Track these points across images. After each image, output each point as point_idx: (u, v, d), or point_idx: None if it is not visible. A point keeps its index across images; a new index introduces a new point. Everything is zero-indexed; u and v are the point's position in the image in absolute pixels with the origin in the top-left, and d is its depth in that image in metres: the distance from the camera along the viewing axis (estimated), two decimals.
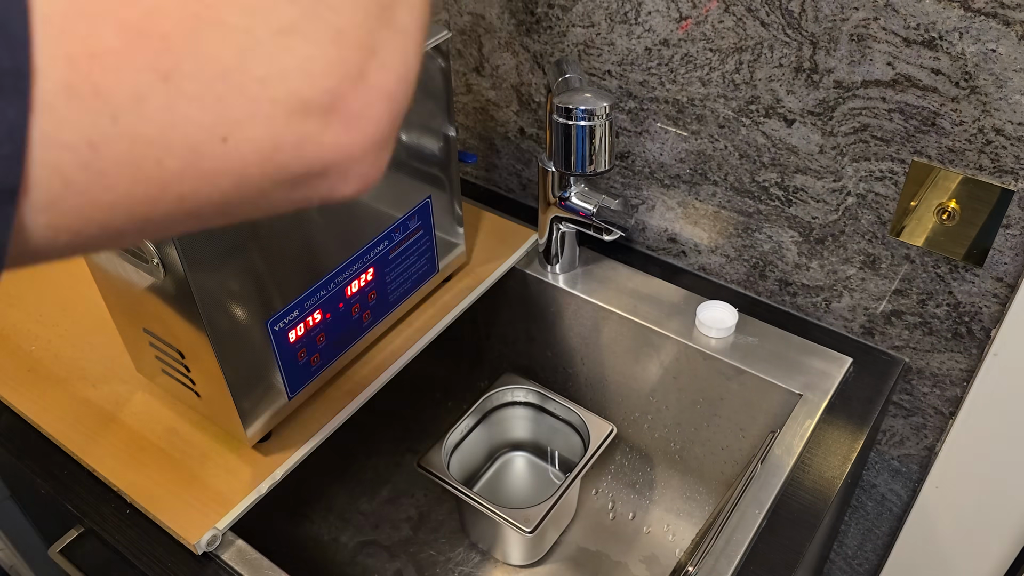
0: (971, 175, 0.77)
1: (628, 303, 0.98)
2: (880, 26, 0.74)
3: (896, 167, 0.81)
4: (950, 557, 1.00)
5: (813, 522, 0.77)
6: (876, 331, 0.93)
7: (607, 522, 1.05)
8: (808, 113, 0.83)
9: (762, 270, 0.98)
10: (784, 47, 0.81)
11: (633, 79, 0.94)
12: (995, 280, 0.81)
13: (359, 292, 0.85)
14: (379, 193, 0.83)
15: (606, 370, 1.03)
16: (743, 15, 0.81)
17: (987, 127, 0.74)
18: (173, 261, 0.68)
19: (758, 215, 0.94)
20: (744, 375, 0.90)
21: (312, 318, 0.81)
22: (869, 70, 0.77)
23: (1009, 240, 0.78)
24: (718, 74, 0.87)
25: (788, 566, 0.74)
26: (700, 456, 1.01)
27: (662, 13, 0.87)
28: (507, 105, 1.09)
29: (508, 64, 1.04)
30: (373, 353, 0.91)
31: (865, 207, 0.85)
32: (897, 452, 1.00)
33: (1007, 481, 0.90)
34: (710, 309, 0.94)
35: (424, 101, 0.84)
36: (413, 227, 0.89)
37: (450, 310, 0.96)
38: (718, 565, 0.73)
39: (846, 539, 1.13)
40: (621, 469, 1.09)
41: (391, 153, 0.32)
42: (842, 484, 0.81)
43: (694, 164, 0.95)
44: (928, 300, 0.87)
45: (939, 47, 0.73)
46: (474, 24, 1.04)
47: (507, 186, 1.18)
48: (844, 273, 0.91)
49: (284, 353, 0.79)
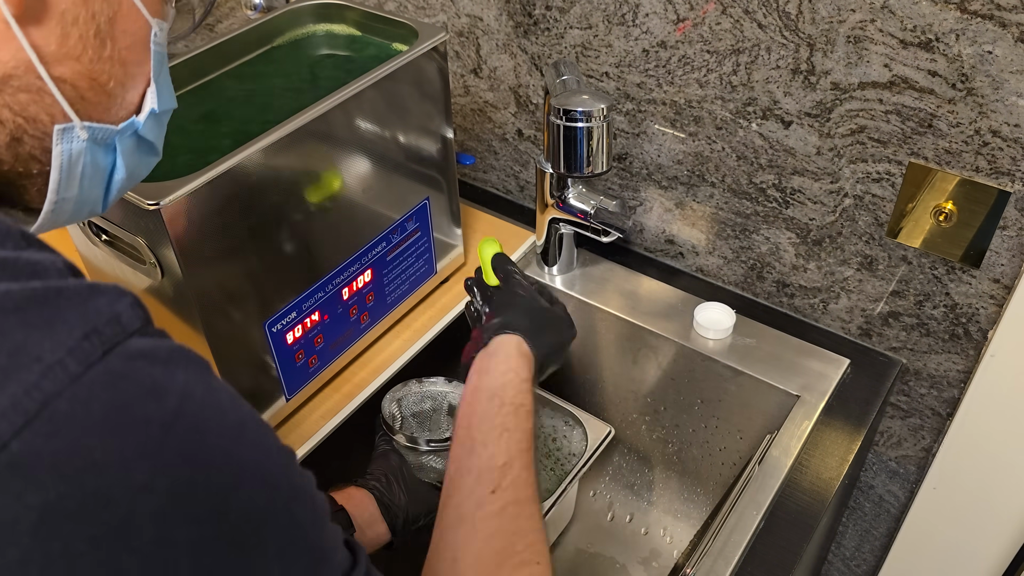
0: (968, 176, 0.77)
1: (626, 304, 0.99)
2: (877, 28, 0.75)
3: (893, 169, 0.81)
4: (948, 558, 1.00)
5: (811, 523, 0.77)
6: (873, 332, 0.93)
7: (605, 523, 1.05)
8: (805, 115, 0.83)
9: (759, 271, 0.98)
10: (781, 49, 0.81)
11: (631, 81, 0.94)
12: (992, 281, 0.81)
13: (357, 294, 0.85)
14: (377, 195, 0.83)
15: (604, 371, 1.03)
16: (740, 17, 0.82)
17: (984, 129, 0.74)
18: (170, 263, 0.68)
19: (755, 217, 0.94)
20: (742, 376, 0.90)
21: (310, 319, 0.81)
22: (866, 72, 0.77)
23: (1006, 241, 0.78)
24: (715, 76, 0.87)
25: (786, 567, 0.74)
26: (698, 457, 1.01)
27: (660, 15, 0.87)
28: (505, 107, 1.09)
29: (506, 66, 1.05)
30: (371, 355, 0.91)
31: (862, 209, 0.85)
32: (895, 453, 1.00)
33: (1005, 482, 0.90)
34: (708, 310, 0.94)
35: (422, 103, 0.84)
36: (411, 229, 0.89)
37: (447, 312, 0.96)
38: (716, 566, 0.73)
39: (844, 540, 1.14)
40: (619, 471, 1.09)
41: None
42: (840, 485, 0.81)
43: (691, 166, 0.95)
44: (925, 301, 0.87)
45: (936, 49, 0.73)
46: (472, 26, 1.04)
47: (505, 188, 1.19)
48: (841, 274, 0.91)
49: (282, 354, 0.79)
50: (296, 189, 0.75)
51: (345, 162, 0.78)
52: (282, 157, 0.72)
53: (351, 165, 0.79)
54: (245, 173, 0.69)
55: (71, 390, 0.30)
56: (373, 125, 0.80)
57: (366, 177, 0.81)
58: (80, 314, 0.32)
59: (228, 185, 0.68)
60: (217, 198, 0.67)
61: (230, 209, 0.69)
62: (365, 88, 0.76)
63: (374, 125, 0.80)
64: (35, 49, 0.38)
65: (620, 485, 1.08)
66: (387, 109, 0.80)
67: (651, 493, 1.07)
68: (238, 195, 0.70)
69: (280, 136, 0.70)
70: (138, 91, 0.45)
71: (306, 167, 0.75)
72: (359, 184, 0.81)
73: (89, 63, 0.41)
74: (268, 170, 0.71)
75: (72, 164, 0.42)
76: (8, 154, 0.40)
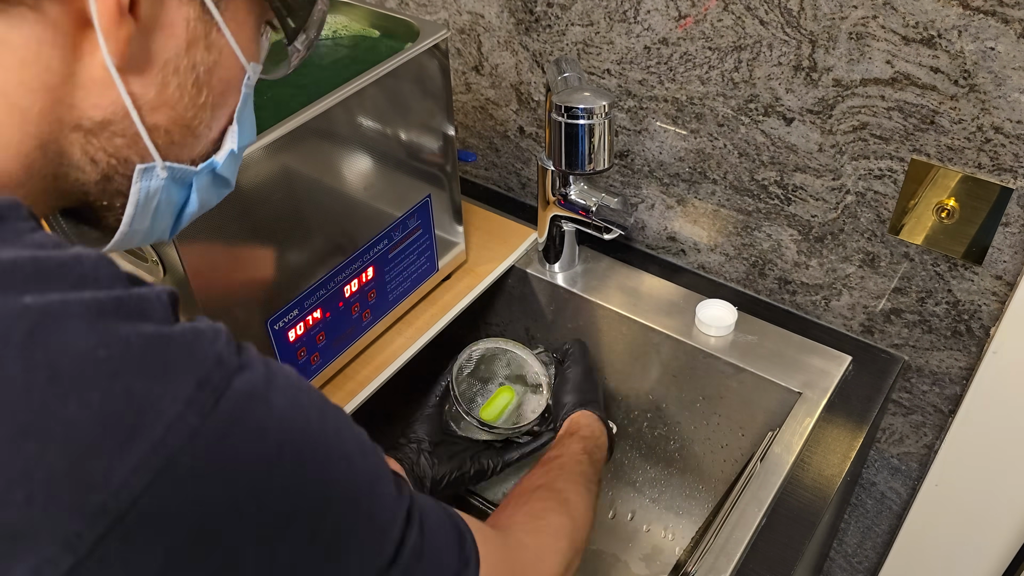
0: (970, 173, 0.77)
1: (627, 301, 0.99)
2: (879, 24, 0.74)
3: (895, 165, 0.81)
4: (950, 555, 1.00)
5: (813, 520, 0.77)
6: (875, 329, 0.93)
7: (607, 520, 1.05)
8: (807, 111, 0.83)
9: (761, 268, 0.98)
10: (783, 45, 0.81)
11: (632, 78, 0.94)
12: (994, 278, 0.81)
13: (359, 291, 0.86)
14: (379, 192, 0.83)
15: (605, 368, 1.03)
16: (742, 13, 0.81)
17: (986, 125, 0.74)
18: (172, 260, 0.68)
19: (757, 213, 0.94)
20: (743, 373, 0.90)
21: (312, 317, 0.81)
22: (868, 68, 0.77)
23: (1008, 238, 0.78)
24: (717, 72, 0.87)
25: (787, 564, 0.74)
26: (699, 455, 1.01)
27: (661, 12, 0.87)
28: (506, 104, 1.09)
29: (507, 63, 1.04)
30: (373, 352, 0.91)
31: (864, 205, 0.85)
32: (897, 450, 1.00)
33: (1007, 479, 0.90)
34: (709, 307, 0.94)
35: (423, 100, 0.84)
36: (412, 226, 0.89)
37: (450, 309, 0.96)
38: (718, 563, 0.73)
39: (846, 537, 1.14)
40: (621, 468, 1.09)
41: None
42: (842, 482, 0.81)
43: (693, 163, 0.95)
44: (927, 298, 0.87)
45: (938, 45, 0.73)
46: (473, 23, 1.04)
47: (507, 185, 1.18)
48: (843, 271, 0.91)
49: (284, 352, 0.80)
50: (298, 186, 0.75)
51: (346, 159, 0.78)
52: (284, 154, 0.72)
53: (352, 162, 0.79)
54: (247, 170, 0.69)
55: (191, 445, 0.33)
56: (374, 122, 0.80)
57: (367, 174, 0.81)
58: (189, 362, 0.34)
59: None
60: None
61: (232, 206, 0.69)
62: (367, 85, 0.76)
63: (375, 122, 0.80)
64: (134, 98, 0.39)
65: (622, 482, 1.08)
66: (388, 106, 0.80)
67: (653, 490, 1.07)
68: (240, 192, 0.69)
69: (282, 134, 0.71)
70: (220, 129, 0.46)
71: (307, 164, 0.75)
72: (360, 181, 0.81)
73: (183, 110, 0.42)
74: (270, 167, 0.71)
75: (148, 200, 0.43)
76: (96, 189, 0.41)
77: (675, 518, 1.04)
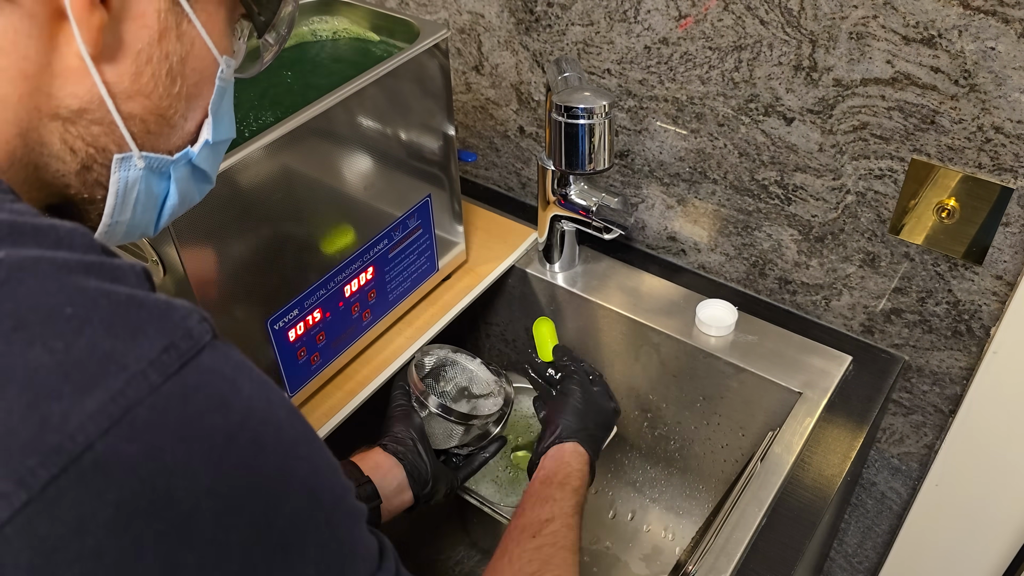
0: (970, 173, 0.77)
1: (628, 301, 0.99)
2: (879, 24, 0.74)
3: (895, 165, 0.81)
4: (950, 555, 1.00)
5: (813, 520, 0.77)
6: (876, 329, 0.93)
7: (607, 520, 1.05)
8: (807, 111, 0.83)
9: (762, 268, 0.98)
10: (783, 45, 0.81)
11: (632, 77, 0.94)
12: (995, 278, 0.81)
13: (359, 291, 0.86)
14: (379, 192, 0.83)
15: (605, 368, 1.03)
16: (742, 13, 0.81)
17: (986, 125, 0.74)
18: (172, 260, 0.68)
19: (758, 213, 0.94)
20: (744, 373, 0.90)
21: (312, 317, 0.81)
22: (868, 68, 0.77)
23: (1008, 238, 0.78)
24: (717, 72, 0.87)
25: (788, 564, 0.74)
26: (700, 454, 1.01)
27: (661, 11, 0.87)
28: (507, 104, 1.09)
29: (507, 63, 1.04)
30: (373, 352, 0.91)
31: (865, 205, 0.85)
32: (897, 450, 1.00)
33: (1007, 479, 0.90)
34: (710, 307, 0.94)
35: (423, 100, 0.84)
36: (413, 226, 0.89)
37: (450, 309, 0.96)
38: (718, 563, 0.73)
39: (846, 537, 1.14)
40: (621, 468, 1.09)
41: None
42: (842, 482, 0.81)
43: (693, 162, 0.95)
44: (928, 298, 0.87)
45: (938, 45, 0.73)
46: (473, 23, 1.04)
47: (507, 185, 1.18)
48: (844, 271, 0.91)
49: (284, 352, 0.80)
50: (298, 186, 0.75)
51: (347, 159, 0.78)
52: (284, 154, 0.72)
53: (353, 162, 0.79)
54: (247, 170, 0.69)
55: (151, 399, 0.33)
56: (375, 122, 0.80)
57: (368, 174, 0.81)
58: (159, 327, 0.34)
59: (230, 182, 0.68)
60: (219, 195, 0.67)
61: (232, 206, 0.69)
62: (367, 85, 0.76)
63: (376, 122, 0.80)
64: (109, 86, 0.40)
65: (622, 482, 1.08)
66: (389, 106, 0.80)
67: (653, 490, 1.07)
68: (240, 192, 0.70)
69: (282, 133, 0.71)
70: (196, 121, 0.47)
71: (307, 164, 0.75)
72: (361, 181, 0.81)
73: (158, 99, 0.43)
74: (270, 167, 0.71)
75: (127, 191, 0.44)
76: (77, 180, 0.42)
77: (675, 518, 1.04)
